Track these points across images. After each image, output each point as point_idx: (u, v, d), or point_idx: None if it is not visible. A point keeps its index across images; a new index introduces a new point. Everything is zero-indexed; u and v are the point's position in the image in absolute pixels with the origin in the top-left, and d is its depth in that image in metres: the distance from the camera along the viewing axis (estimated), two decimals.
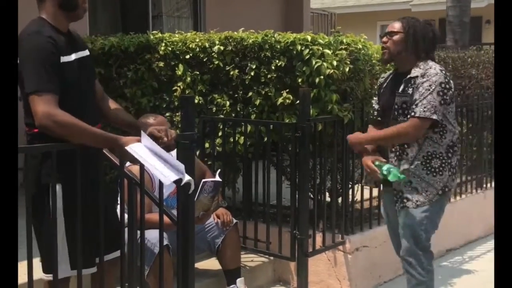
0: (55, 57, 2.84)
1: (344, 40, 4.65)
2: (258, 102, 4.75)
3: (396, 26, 3.71)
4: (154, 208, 3.71)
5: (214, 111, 4.96)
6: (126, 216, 3.09)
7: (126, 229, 3.05)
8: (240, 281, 4.25)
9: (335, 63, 4.46)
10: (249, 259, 4.77)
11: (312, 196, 4.64)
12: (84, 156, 2.84)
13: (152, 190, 3.88)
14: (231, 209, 4.52)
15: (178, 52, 5.14)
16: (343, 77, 4.53)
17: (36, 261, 2.87)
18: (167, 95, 5.23)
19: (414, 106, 3.55)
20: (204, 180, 3.71)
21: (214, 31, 5.20)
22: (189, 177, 2.82)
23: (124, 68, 5.45)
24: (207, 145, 4.92)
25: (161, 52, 5.21)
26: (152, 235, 3.65)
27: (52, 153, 2.72)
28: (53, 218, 2.78)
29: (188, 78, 5.05)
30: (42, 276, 2.97)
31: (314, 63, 4.48)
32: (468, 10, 10.56)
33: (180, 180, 2.77)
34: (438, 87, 3.55)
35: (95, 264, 3.00)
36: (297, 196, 4.41)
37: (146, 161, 2.74)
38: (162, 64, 5.21)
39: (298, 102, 4.38)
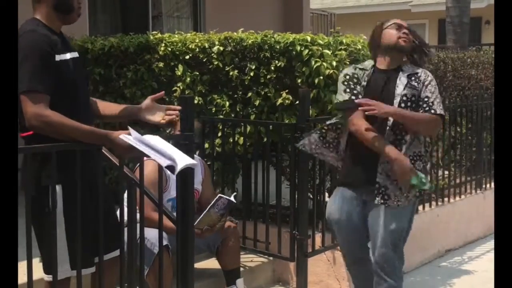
0: (50, 55, 2.85)
1: (344, 41, 4.66)
2: (257, 103, 4.76)
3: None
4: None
5: (213, 111, 4.97)
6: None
7: (126, 228, 3.06)
8: (239, 281, 4.25)
9: (334, 63, 4.46)
10: (248, 259, 4.78)
11: (311, 196, 4.64)
12: (84, 156, 2.85)
13: (165, 190, 3.89)
14: (231, 212, 4.52)
15: (178, 52, 5.15)
16: None
17: (36, 261, 2.88)
18: (167, 95, 5.22)
19: (431, 104, 3.58)
20: (220, 195, 3.79)
21: (214, 31, 5.21)
22: (187, 162, 2.79)
23: (124, 68, 5.45)
24: (206, 145, 4.92)
25: (160, 52, 5.22)
26: (151, 235, 3.65)
27: (52, 154, 2.73)
28: (53, 218, 2.78)
29: (188, 79, 5.06)
30: (44, 277, 2.98)
31: (313, 63, 4.49)
32: (467, 11, 10.55)
33: (172, 167, 2.76)
34: (435, 85, 3.68)
35: (94, 264, 3.00)
36: (296, 196, 4.41)
37: (142, 147, 2.75)
38: (161, 64, 5.22)
39: (298, 102, 4.39)
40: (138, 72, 5.35)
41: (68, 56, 2.95)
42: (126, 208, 3.13)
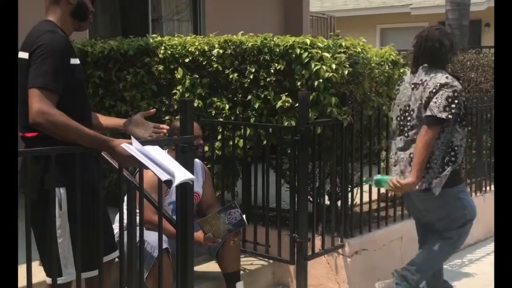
0: (67, 58, 2.89)
1: (343, 44, 4.66)
2: (257, 106, 4.76)
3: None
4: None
5: (213, 114, 4.97)
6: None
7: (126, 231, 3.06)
8: (239, 284, 4.25)
9: (334, 66, 4.46)
10: (248, 263, 4.77)
11: (311, 199, 4.64)
12: (87, 159, 2.85)
13: (166, 194, 3.89)
14: None
15: (178, 55, 5.15)
16: (342, 80, 4.54)
17: (35, 264, 2.88)
18: (167, 98, 5.24)
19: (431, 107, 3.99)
20: (235, 203, 3.87)
21: (214, 34, 5.21)
22: (185, 177, 2.81)
23: (124, 71, 5.46)
24: (206, 148, 4.92)
25: (160, 55, 5.22)
26: (151, 238, 3.65)
27: (52, 156, 2.72)
28: (52, 222, 2.78)
29: (188, 82, 5.06)
30: (46, 280, 2.97)
31: (313, 66, 4.49)
32: (467, 14, 10.56)
33: (170, 182, 2.77)
34: (449, 94, 4.00)
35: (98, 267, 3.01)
36: (296, 199, 4.41)
37: (142, 158, 2.76)
38: (161, 67, 5.22)
39: (297, 105, 4.39)
40: (138, 75, 5.35)
41: (78, 61, 3.01)
42: (125, 211, 3.13)
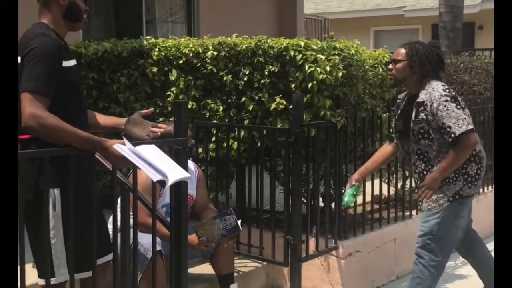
0: (59, 61, 2.88)
1: (337, 46, 4.67)
2: (251, 108, 4.76)
3: (400, 54, 3.95)
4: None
5: (207, 116, 4.97)
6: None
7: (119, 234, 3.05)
8: (233, 286, 4.24)
9: (328, 68, 4.47)
10: (242, 265, 4.77)
11: (305, 201, 4.64)
12: (81, 161, 2.85)
13: (159, 196, 3.89)
14: None
15: (172, 57, 5.15)
16: (336, 82, 4.54)
17: (29, 266, 2.87)
18: (161, 100, 5.23)
19: (448, 129, 3.76)
20: (232, 210, 3.89)
21: (208, 36, 5.21)
22: (179, 176, 2.81)
23: (118, 73, 5.45)
24: (200, 150, 4.92)
25: (154, 57, 5.22)
26: (145, 240, 3.64)
27: (45, 158, 2.72)
28: (45, 223, 2.78)
29: (182, 84, 5.06)
30: (38, 281, 2.97)
31: (307, 68, 4.49)
32: (460, 16, 10.60)
33: (164, 182, 2.77)
34: (451, 103, 3.77)
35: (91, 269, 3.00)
36: (290, 201, 4.41)
37: (134, 159, 2.75)
38: (155, 69, 5.22)
39: (291, 107, 4.39)
40: (132, 77, 5.34)
41: (72, 62, 3.00)
42: (119, 214, 3.12)
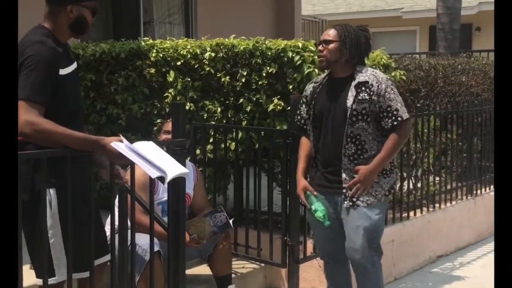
0: (55, 70, 2.89)
1: None
2: (249, 109, 4.76)
3: (331, 34, 3.77)
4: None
5: (205, 117, 4.96)
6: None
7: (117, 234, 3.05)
8: (231, 287, 4.24)
9: None
10: (240, 266, 4.77)
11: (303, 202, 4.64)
12: (78, 161, 2.85)
13: (155, 191, 3.89)
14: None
15: (169, 58, 5.15)
16: None
17: (27, 267, 2.87)
18: (158, 101, 5.23)
19: (395, 112, 3.65)
20: (222, 208, 3.92)
21: (206, 37, 5.21)
22: (178, 172, 2.81)
23: (115, 74, 5.45)
24: (198, 151, 4.92)
25: (152, 58, 5.21)
26: (143, 241, 3.64)
27: (42, 160, 2.72)
28: (43, 223, 2.78)
29: (179, 85, 5.05)
30: (36, 282, 2.97)
31: (305, 69, 4.50)
32: (458, 18, 10.61)
33: (163, 178, 2.77)
34: (395, 88, 3.74)
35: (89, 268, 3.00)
36: (288, 202, 4.41)
37: (132, 156, 2.75)
38: (153, 70, 5.21)
39: (289, 108, 4.39)
40: (130, 78, 5.34)
41: (69, 69, 3.00)
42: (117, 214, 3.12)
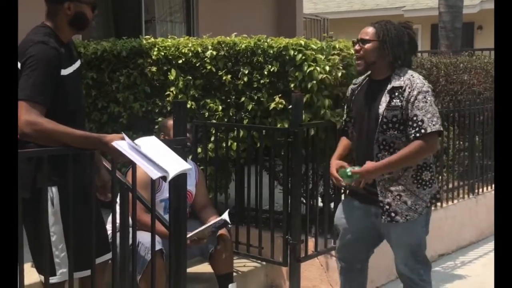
0: (57, 70, 2.89)
1: (337, 46, 4.66)
2: (250, 107, 4.75)
3: (369, 33, 3.53)
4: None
5: (206, 116, 4.96)
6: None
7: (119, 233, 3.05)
8: (232, 286, 4.24)
9: (327, 68, 4.46)
10: (241, 264, 4.77)
11: (304, 201, 4.64)
12: (79, 159, 2.85)
13: (158, 190, 3.89)
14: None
15: (171, 57, 5.14)
16: (336, 82, 4.54)
17: (28, 266, 2.87)
18: (160, 100, 5.22)
19: (420, 123, 3.39)
20: (224, 219, 3.89)
21: (207, 36, 5.21)
22: (180, 169, 2.80)
23: (117, 72, 5.44)
24: (199, 150, 4.91)
25: (153, 57, 5.21)
26: (146, 239, 3.64)
27: (43, 158, 2.72)
28: (44, 221, 2.78)
29: (181, 83, 5.05)
30: (37, 279, 2.97)
31: (306, 68, 4.49)
32: (460, 16, 10.59)
33: (164, 177, 2.77)
34: (431, 97, 3.45)
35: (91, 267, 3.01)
36: (289, 201, 4.40)
37: (133, 155, 2.75)
38: (154, 69, 5.21)
39: (291, 107, 4.38)
40: (131, 76, 5.34)
41: (71, 69, 2.99)
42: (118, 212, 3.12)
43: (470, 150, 6.49)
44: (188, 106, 4.83)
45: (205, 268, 4.50)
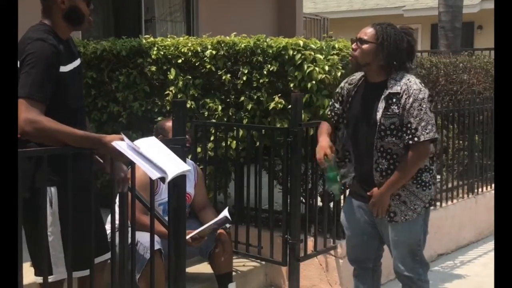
0: (55, 67, 2.88)
1: (336, 45, 4.66)
2: (250, 107, 4.76)
3: (368, 34, 3.48)
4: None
5: (206, 115, 4.96)
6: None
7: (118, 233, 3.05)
8: (232, 285, 4.25)
9: (327, 68, 4.47)
10: (241, 264, 4.77)
11: (304, 200, 4.64)
12: (79, 159, 2.85)
13: (156, 192, 3.89)
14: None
15: (170, 56, 5.14)
16: (335, 82, 4.53)
17: (27, 265, 2.86)
18: (159, 99, 5.23)
19: (413, 131, 3.38)
20: (227, 216, 3.89)
21: (207, 35, 5.21)
22: (179, 170, 2.80)
23: (116, 72, 5.44)
24: (199, 149, 4.91)
25: (153, 56, 5.21)
26: (145, 239, 3.64)
27: (43, 157, 2.72)
28: (43, 220, 2.78)
29: (180, 83, 5.05)
30: (36, 279, 2.97)
31: (306, 68, 4.49)
32: (460, 16, 10.59)
33: (163, 178, 2.77)
34: (427, 104, 3.42)
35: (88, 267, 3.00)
36: (289, 200, 4.40)
37: (132, 156, 2.75)
38: (154, 68, 5.21)
39: (290, 106, 4.38)
40: (131, 75, 5.34)
41: (71, 66, 2.99)
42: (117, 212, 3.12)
43: (470, 149, 6.49)
44: (188, 105, 4.83)
45: (204, 267, 4.50)
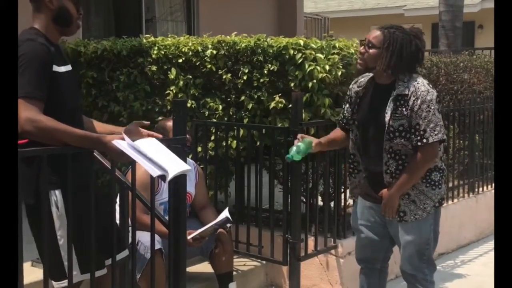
0: (48, 65, 2.88)
1: (337, 45, 4.66)
2: (250, 106, 4.76)
3: (376, 37, 3.48)
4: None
5: (206, 115, 4.96)
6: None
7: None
8: (232, 285, 4.25)
9: (327, 67, 4.47)
10: (241, 263, 4.77)
11: (304, 200, 4.64)
12: (81, 159, 2.85)
13: (157, 192, 3.89)
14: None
15: (171, 56, 5.15)
16: (336, 81, 4.54)
17: (27, 265, 2.86)
18: (160, 99, 5.23)
19: (422, 132, 3.41)
20: (228, 216, 3.89)
21: (207, 35, 5.21)
22: (179, 169, 2.80)
23: (117, 71, 5.45)
24: (199, 149, 4.92)
25: (153, 56, 5.21)
26: (145, 239, 3.64)
27: (44, 158, 2.72)
28: (49, 224, 2.78)
29: (181, 82, 5.05)
30: (54, 284, 2.95)
31: (306, 67, 4.49)
32: (460, 15, 10.59)
33: (163, 176, 2.77)
34: (435, 105, 3.44)
35: (105, 266, 3.00)
36: (289, 200, 4.40)
37: (133, 154, 2.75)
38: (154, 68, 5.21)
39: (291, 106, 4.38)
40: (131, 75, 5.34)
41: (63, 69, 2.99)
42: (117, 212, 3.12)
43: (470, 149, 6.48)
44: (188, 105, 4.83)
45: (205, 267, 4.50)
